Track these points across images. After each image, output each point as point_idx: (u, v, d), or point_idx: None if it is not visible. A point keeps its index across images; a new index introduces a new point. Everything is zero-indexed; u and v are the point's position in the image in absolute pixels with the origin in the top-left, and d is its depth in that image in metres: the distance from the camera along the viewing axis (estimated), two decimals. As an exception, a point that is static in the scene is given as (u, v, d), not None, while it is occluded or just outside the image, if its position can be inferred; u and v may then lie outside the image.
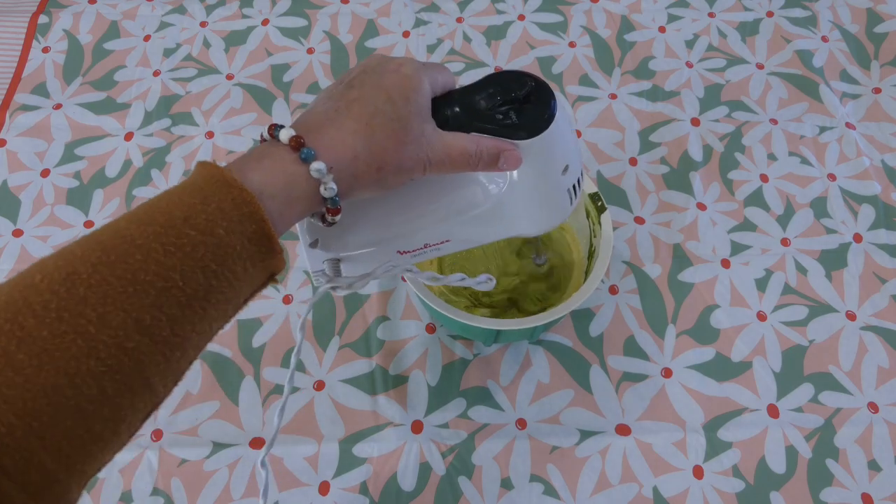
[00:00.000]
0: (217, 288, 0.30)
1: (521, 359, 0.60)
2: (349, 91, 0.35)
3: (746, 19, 0.81)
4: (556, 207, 0.43)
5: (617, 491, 0.55)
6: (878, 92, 0.76)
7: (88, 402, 0.26)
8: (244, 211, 0.30)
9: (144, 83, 0.75)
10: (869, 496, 0.54)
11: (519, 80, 0.38)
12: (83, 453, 0.27)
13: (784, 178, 0.70)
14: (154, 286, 0.28)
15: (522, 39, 0.79)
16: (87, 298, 0.27)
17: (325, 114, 0.35)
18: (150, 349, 0.28)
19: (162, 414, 0.57)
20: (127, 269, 0.28)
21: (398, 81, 0.35)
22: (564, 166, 0.41)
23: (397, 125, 0.34)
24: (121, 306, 0.27)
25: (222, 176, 0.31)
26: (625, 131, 0.72)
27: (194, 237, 0.29)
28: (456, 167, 0.37)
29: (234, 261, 0.30)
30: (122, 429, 0.28)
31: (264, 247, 0.31)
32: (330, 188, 0.33)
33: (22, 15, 0.81)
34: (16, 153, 0.71)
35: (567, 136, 0.40)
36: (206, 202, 0.30)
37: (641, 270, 0.64)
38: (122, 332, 0.27)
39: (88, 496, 0.54)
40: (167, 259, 0.29)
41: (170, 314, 0.28)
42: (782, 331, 0.61)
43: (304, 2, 0.82)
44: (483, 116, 0.38)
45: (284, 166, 0.32)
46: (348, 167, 0.34)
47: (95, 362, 0.26)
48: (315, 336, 0.61)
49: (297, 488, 0.55)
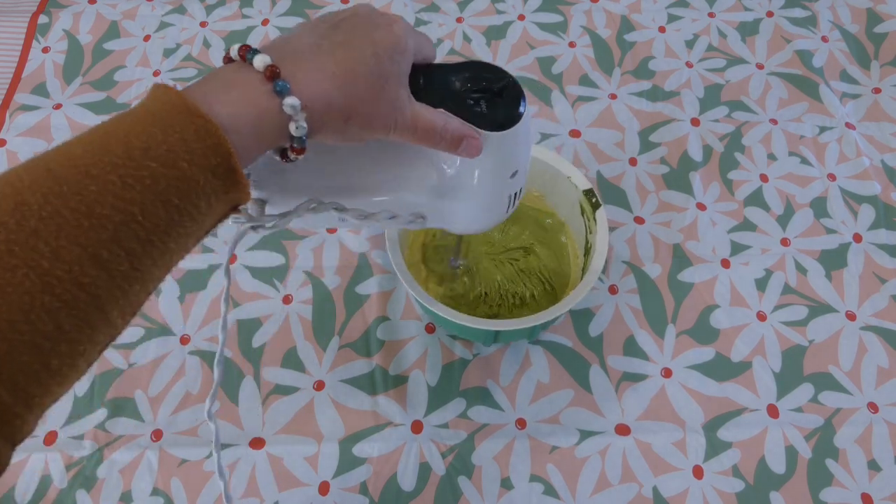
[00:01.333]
0: (179, 222, 0.29)
1: (520, 359, 0.60)
2: (335, 32, 0.34)
3: (746, 19, 0.81)
4: (494, 209, 0.43)
5: (617, 491, 0.55)
6: (878, 92, 0.76)
7: (44, 339, 0.25)
8: (208, 143, 0.29)
9: (144, 83, 0.75)
10: (869, 496, 0.54)
11: (496, 73, 0.39)
12: (40, 388, 0.26)
13: (784, 178, 0.70)
14: (111, 220, 0.27)
15: (522, 39, 0.79)
16: (39, 231, 0.25)
17: (306, 47, 0.33)
18: (107, 284, 0.27)
19: (162, 414, 0.57)
20: (81, 202, 0.26)
21: (388, 38, 0.34)
22: (514, 170, 0.41)
23: (377, 81, 0.33)
24: (76, 240, 0.26)
25: (185, 104, 0.29)
26: (625, 131, 0.72)
27: (155, 169, 0.28)
28: (419, 138, 0.37)
29: (196, 195, 0.29)
30: (79, 362, 0.28)
31: (229, 180, 0.30)
32: (301, 126, 0.32)
33: (22, 15, 0.81)
34: (16, 153, 0.71)
35: (525, 143, 0.41)
36: (168, 132, 0.28)
37: (641, 270, 0.64)
38: (77, 266, 0.26)
39: (88, 496, 0.54)
40: (125, 192, 0.27)
41: (128, 248, 0.27)
42: (782, 331, 0.61)
43: (303, 2, 0.82)
44: (455, 98, 0.38)
45: (255, 98, 0.31)
46: (320, 110, 0.32)
47: (50, 298, 0.25)
48: (315, 336, 0.61)
49: (296, 488, 0.55)
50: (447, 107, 0.37)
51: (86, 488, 0.54)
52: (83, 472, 0.55)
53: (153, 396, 0.58)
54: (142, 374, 0.59)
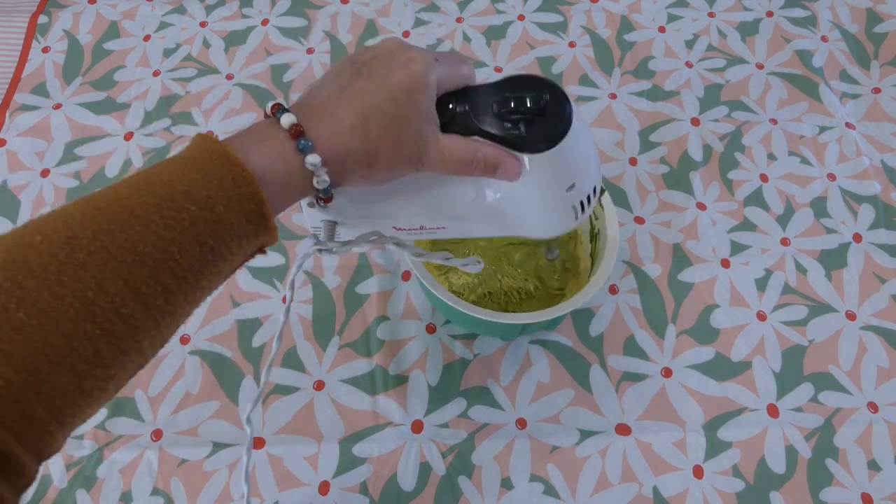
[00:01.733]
0: (212, 262, 0.31)
1: (521, 358, 0.60)
2: (356, 79, 0.35)
3: (746, 19, 0.81)
4: (558, 219, 0.42)
5: (617, 491, 0.55)
6: (878, 92, 0.76)
7: (83, 362, 0.27)
8: (244, 191, 0.31)
9: (144, 83, 0.75)
10: (869, 496, 0.54)
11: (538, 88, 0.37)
12: (74, 408, 0.28)
13: (784, 177, 0.70)
14: (152, 257, 0.29)
15: (522, 39, 0.79)
16: (87, 264, 0.27)
17: (328, 100, 0.35)
18: (143, 315, 0.29)
19: (162, 414, 0.57)
20: (126, 240, 0.28)
21: (405, 78, 0.35)
22: (571, 184, 0.39)
23: (394, 126, 0.34)
24: (119, 274, 0.28)
25: (224, 153, 0.31)
26: (625, 131, 0.72)
27: (194, 212, 0.30)
28: (450, 171, 0.37)
29: (230, 238, 0.31)
30: (110, 386, 0.29)
31: (261, 225, 0.32)
32: (322, 181, 0.34)
33: (22, 15, 0.81)
34: (16, 153, 0.71)
35: (578, 154, 0.39)
36: (208, 178, 0.30)
37: (641, 270, 0.64)
38: (118, 298, 0.28)
39: (88, 496, 0.54)
40: (166, 232, 0.29)
41: (165, 284, 0.29)
42: (782, 331, 0.61)
43: (303, 2, 0.82)
44: (491, 121, 0.36)
45: (284, 153, 0.33)
46: (341, 162, 0.34)
47: (92, 325, 0.27)
48: (315, 336, 0.61)
49: (297, 488, 0.55)
50: (483, 132, 0.36)
51: (86, 488, 0.54)
52: (83, 471, 0.55)
53: (153, 396, 0.58)
54: (142, 373, 0.59)
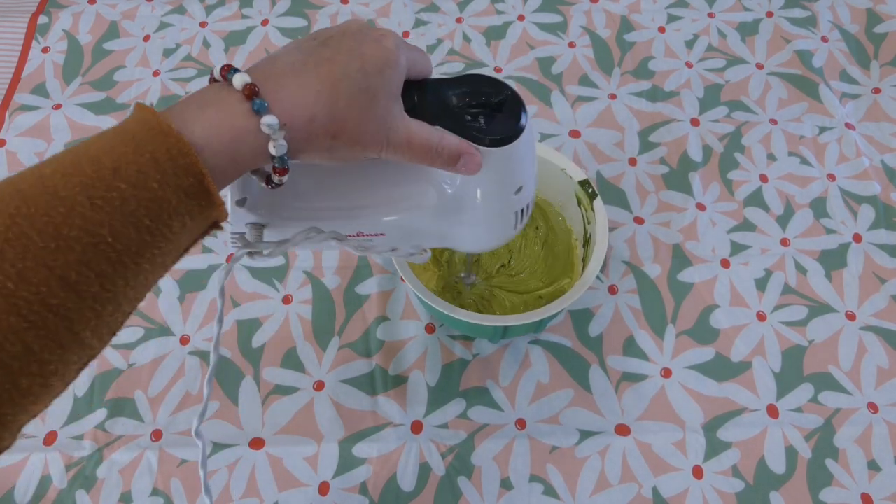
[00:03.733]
0: (151, 243, 0.28)
1: (520, 359, 0.60)
2: (322, 49, 0.33)
3: (746, 19, 0.81)
4: (501, 227, 0.42)
5: (616, 491, 0.55)
6: (878, 92, 0.76)
7: (12, 359, 0.25)
8: (180, 163, 0.28)
9: (144, 83, 0.75)
10: (868, 496, 0.54)
11: (495, 86, 0.37)
12: (13, 406, 0.26)
13: (784, 178, 0.70)
14: (79, 242, 0.26)
15: (522, 40, 0.79)
16: (5, 252, 0.25)
17: (290, 65, 0.32)
18: (77, 305, 0.27)
19: (162, 414, 0.57)
20: (49, 223, 0.26)
21: (376, 52, 0.33)
22: (519, 186, 0.40)
23: (364, 96, 0.32)
24: (42, 262, 0.25)
25: (158, 123, 0.28)
26: (624, 131, 0.72)
27: (124, 190, 0.27)
28: (414, 156, 0.35)
29: (169, 216, 0.28)
30: (53, 381, 0.27)
31: (204, 200, 0.29)
32: (280, 145, 0.31)
33: (22, 15, 0.81)
34: (15, 153, 0.71)
35: (529, 157, 0.39)
36: (139, 151, 0.28)
37: (641, 270, 0.64)
38: (44, 288, 0.26)
39: (88, 496, 0.54)
40: (94, 213, 0.27)
41: (98, 270, 0.27)
42: (782, 331, 0.61)
43: (303, 2, 0.82)
44: (452, 113, 0.36)
45: (232, 118, 0.30)
46: (303, 127, 0.32)
47: (17, 319, 0.25)
48: (315, 336, 0.61)
49: (296, 488, 0.55)
50: (444, 123, 0.36)
51: (85, 488, 0.54)
52: (83, 472, 0.55)
53: (153, 397, 0.58)
54: (141, 374, 0.59)
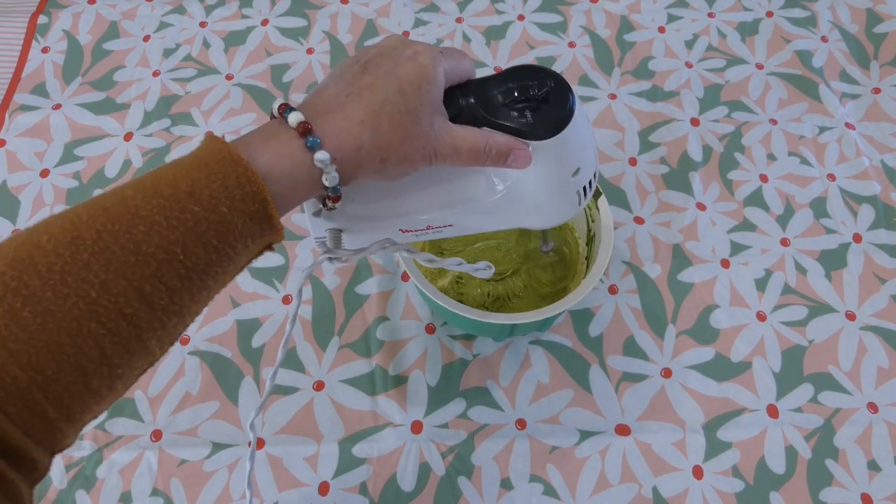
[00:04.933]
0: (216, 262, 0.31)
1: (520, 359, 0.60)
2: (363, 76, 0.35)
3: (746, 19, 0.81)
4: (564, 206, 0.43)
5: (616, 491, 0.55)
6: (878, 92, 0.76)
7: (88, 361, 0.28)
8: (248, 190, 0.31)
9: (144, 83, 0.75)
10: (868, 496, 0.54)
11: (540, 75, 0.38)
12: (82, 405, 0.28)
13: (784, 178, 0.70)
14: (155, 258, 0.29)
15: (522, 39, 0.79)
16: (91, 264, 0.28)
17: (335, 98, 0.34)
18: (148, 315, 0.29)
19: (162, 414, 0.57)
20: (130, 240, 0.29)
21: (412, 70, 0.35)
22: (576, 169, 0.40)
23: (406, 117, 0.34)
24: (122, 274, 0.28)
25: (229, 152, 0.31)
26: (624, 131, 0.72)
27: (198, 213, 0.30)
28: (463, 161, 0.37)
29: (234, 237, 0.31)
30: (118, 384, 0.30)
31: (265, 224, 0.32)
32: (332, 177, 0.33)
33: (21, 15, 0.81)
34: (15, 153, 0.71)
35: (582, 139, 0.40)
36: (212, 178, 0.30)
37: (641, 270, 0.64)
38: (122, 298, 0.28)
39: (88, 496, 0.54)
40: (170, 232, 0.29)
41: (169, 284, 0.29)
42: (782, 331, 0.61)
43: (303, 2, 0.82)
44: (498, 112, 0.37)
45: (291, 151, 0.33)
46: (352, 157, 0.34)
47: (96, 325, 0.28)
48: (315, 336, 0.61)
49: (296, 488, 0.55)
50: (490, 123, 0.37)
51: (85, 489, 0.54)
52: (83, 472, 0.55)
53: (153, 397, 0.58)
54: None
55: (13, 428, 0.26)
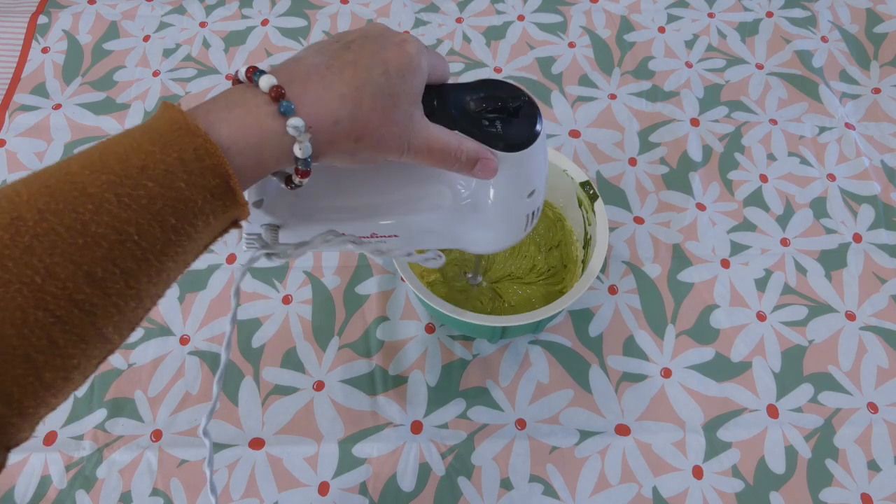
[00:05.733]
0: (175, 242, 0.29)
1: (520, 359, 0.60)
2: (345, 52, 0.33)
3: (746, 19, 0.81)
4: (512, 229, 0.43)
5: (616, 491, 0.55)
6: (878, 92, 0.76)
7: (38, 353, 0.26)
8: (207, 163, 0.28)
9: (144, 83, 0.75)
10: (868, 496, 0.54)
11: (512, 91, 0.38)
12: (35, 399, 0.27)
13: (783, 178, 0.70)
14: (106, 238, 0.27)
15: (522, 40, 0.79)
16: (34, 247, 0.25)
17: (313, 67, 0.32)
18: (102, 301, 0.27)
19: (161, 414, 0.57)
20: (77, 220, 0.26)
21: (399, 57, 0.33)
22: (532, 190, 0.41)
23: (388, 101, 0.33)
24: (70, 258, 0.26)
25: (185, 122, 0.29)
26: (624, 131, 0.72)
27: (151, 189, 0.27)
28: (433, 160, 0.36)
29: (194, 215, 0.29)
30: (74, 375, 0.28)
31: (228, 200, 0.30)
32: (305, 147, 0.31)
33: (21, 15, 0.81)
34: (15, 153, 0.71)
35: (542, 162, 0.40)
36: (166, 151, 0.28)
37: (641, 270, 0.64)
38: (71, 284, 0.26)
39: (88, 496, 0.54)
40: (121, 211, 0.27)
41: (124, 267, 0.27)
42: (782, 331, 0.61)
43: (303, 2, 0.82)
44: (470, 118, 0.37)
45: (259, 119, 0.30)
46: (327, 130, 0.32)
47: (44, 313, 0.25)
48: (315, 336, 0.61)
49: (296, 489, 0.55)
50: (462, 128, 0.37)
51: (85, 489, 0.54)
52: (83, 472, 0.55)
53: (153, 397, 0.58)
54: (141, 374, 0.59)
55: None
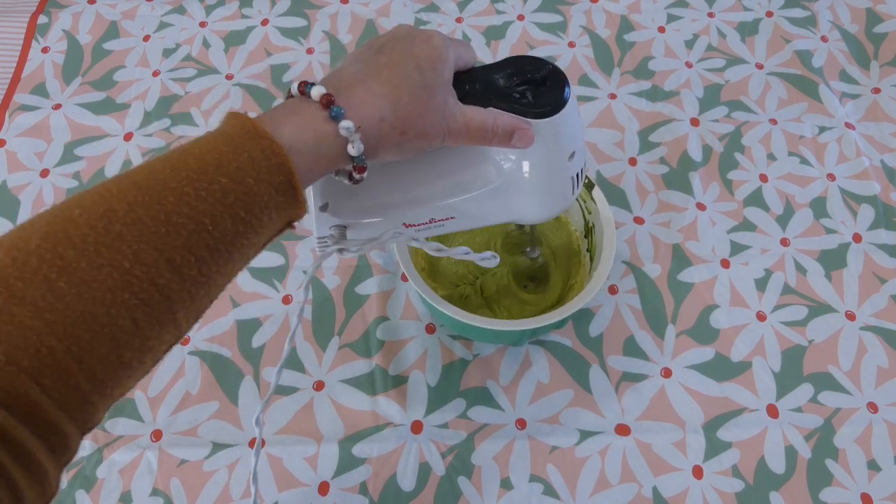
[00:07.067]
0: (243, 233, 0.32)
1: (520, 359, 0.60)
2: (379, 56, 0.37)
3: (746, 19, 0.81)
4: (560, 193, 0.45)
5: (616, 491, 0.55)
6: (878, 92, 0.76)
7: (122, 332, 0.28)
8: (273, 162, 0.32)
9: (144, 83, 0.75)
10: (868, 496, 0.54)
11: (536, 63, 0.40)
12: (114, 378, 0.29)
13: (783, 178, 0.70)
14: (186, 228, 0.30)
15: (522, 39, 0.79)
16: (123, 235, 0.28)
17: (354, 75, 0.36)
18: (178, 287, 0.30)
19: (162, 414, 0.57)
20: (161, 210, 0.29)
21: (428, 51, 0.37)
22: (571, 152, 0.43)
23: (423, 93, 0.36)
24: (154, 245, 0.29)
25: (253, 127, 0.32)
26: (624, 131, 0.72)
27: (225, 184, 0.31)
28: (472, 139, 0.39)
29: (260, 209, 0.32)
30: (147, 358, 0.30)
31: (290, 197, 0.33)
32: (357, 146, 0.35)
33: (21, 15, 0.81)
34: (15, 153, 0.71)
35: (576, 124, 0.42)
36: (238, 151, 0.31)
37: (641, 270, 0.64)
38: (154, 269, 0.29)
39: (88, 496, 0.54)
40: (199, 203, 0.30)
41: (198, 255, 0.30)
42: (782, 331, 0.61)
43: (303, 2, 0.82)
44: (501, 94, 0.39)
45: (314, 123, 0.34)
46: (374, 128, 0.35)
47: (129, 295, 0.28)
48: (315, 336, 0.61)
49: (296, 488, 0.55)
50: (495, 104, 0.39)
51: (85, 488, 0.54)
52: (82, 472, 0.55)
53: (153, 397, 0.58)
54: (141, 374, 0.59)
55: (49, 401, 0.26)
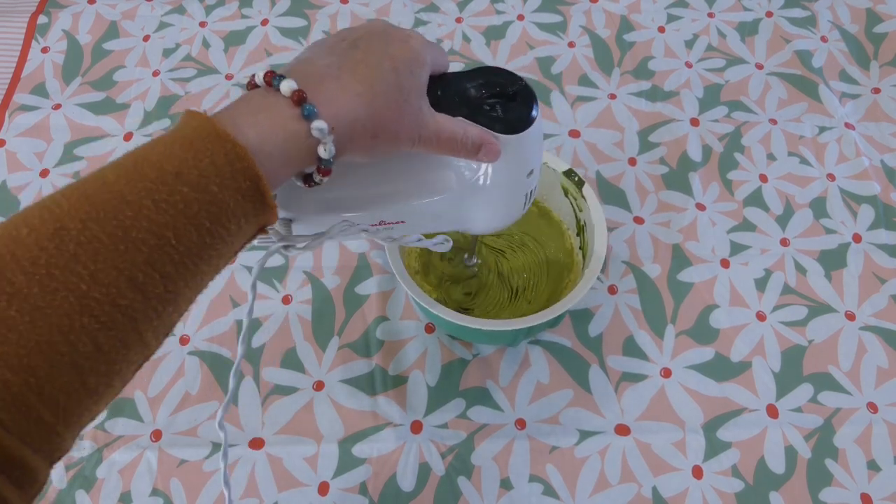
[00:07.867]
0: (210, 245, 0.30)
1: (520, 359, 0.60)
2: (353, 51, 0.34)
3: (746, 19, 0.81)
4: (513, 206, 0.45)
5: (616, 491, 0.55)
6: (878, 92, 0.76)
7: (83, 358, 0.26)
8: (238, 167, 0.29)
9: (144, 83, 0.75)
10: (868, 496, 0.54)
11: (508, 77, 0.40)
12: (79, 406, 0.27)
13: (783, 178, 0.70)
14: (146, 243, 0.27)
15: (522, 39, 0.79)
16: (78, 255, 0.26)
17: (326, 68, 0.33)
18: (143, 305, 0.28)
19: (161, 414, 0.57)
20: (118, 226, 0.27)
21: (405, 53, 0.35)
22: (531, 170, 0.43)
23: (399, 96, 0.34)
24: (113, 264, 0.27)
25: (214, 129, 0.29)
26: (624, 131, 0.72)
27: (187, 194, 0.28)
28: (441, 148, 0.37)
29: (227, 218, 0.30)
30: (115, 381, 0.28)
31: (258, 203, 0.31)
32: (329, 149, 0.32)
33: (21, 15, 0.81)
34: (15, 153, 0.71)
35: (539, 143, 0.42)
36: (198, 156, 0.29)
37: (640, 270, 0.64)
38: (114, 289, 0.27)
39: (88, 496, 0.54)
40: (159, 216, 0.28)
41: (163, 272, 0.28)
42: (782, 331, 0.61)
43: (303, 2, 0.82)
44: (471, 105, 0.38)
45: (283, 122, 0.31)
46: (347, 129, 0.33)
47: (89, 319, 0.26)
48: (314, 336, 0.61)
49: (296, 489, 0.55)
50: (464, 114, 0.38)
51: (85, 489, 0.54)
52: (82, 472, 0.55)
53: (153, 397, 0.58)
54: (141, 374, 0.59)
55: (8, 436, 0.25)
